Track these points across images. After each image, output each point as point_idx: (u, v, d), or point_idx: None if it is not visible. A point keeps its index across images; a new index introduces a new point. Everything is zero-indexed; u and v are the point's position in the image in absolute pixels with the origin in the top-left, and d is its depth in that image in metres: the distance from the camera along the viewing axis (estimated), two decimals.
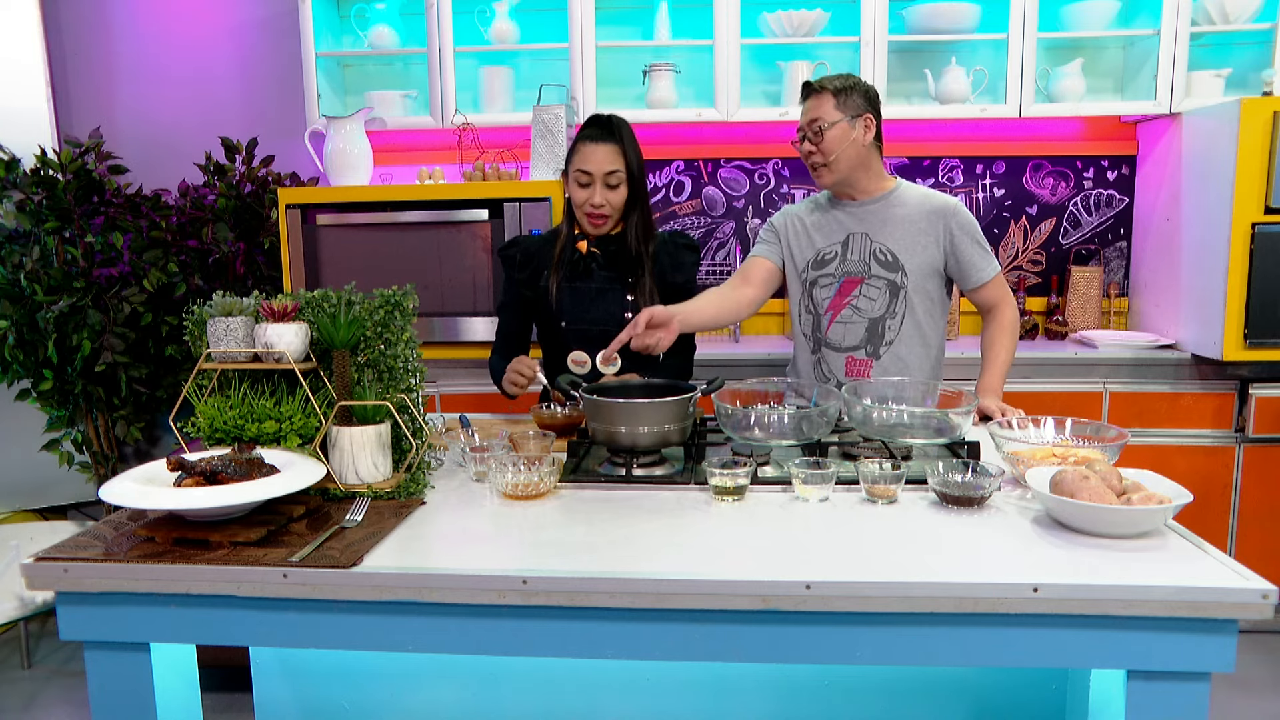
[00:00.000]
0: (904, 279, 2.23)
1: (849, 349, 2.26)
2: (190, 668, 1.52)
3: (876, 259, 2.24)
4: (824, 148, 2.19)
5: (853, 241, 2.26)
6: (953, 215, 2.23)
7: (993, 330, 2.29)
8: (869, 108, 2.21)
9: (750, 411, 1.75)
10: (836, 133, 2.18)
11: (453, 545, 1.42)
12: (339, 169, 3.20)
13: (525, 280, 2.30)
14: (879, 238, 2.24)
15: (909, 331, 2.24)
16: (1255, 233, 2.89)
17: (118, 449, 3.57)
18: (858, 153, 2.20)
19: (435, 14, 3.31)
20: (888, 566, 1.28)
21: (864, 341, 2.25)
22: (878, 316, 2.25)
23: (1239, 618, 1.20)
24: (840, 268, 2.27)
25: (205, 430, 1.64)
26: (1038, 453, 1.63)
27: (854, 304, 2.26)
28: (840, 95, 2.19)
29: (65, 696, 2.89)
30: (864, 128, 2.19)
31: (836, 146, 2.19)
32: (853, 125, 2.18)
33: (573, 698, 1.65)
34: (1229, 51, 3.41)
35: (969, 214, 2.25)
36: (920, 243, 2.22)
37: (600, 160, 2.14)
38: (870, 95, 2.22)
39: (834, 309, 2.27)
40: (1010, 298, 2.29)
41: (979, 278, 2.24)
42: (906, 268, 2.23)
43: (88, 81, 3.76)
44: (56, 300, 3.17)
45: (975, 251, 2.23)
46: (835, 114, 2.18)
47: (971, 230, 2.24)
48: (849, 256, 2.27)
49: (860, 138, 2.19)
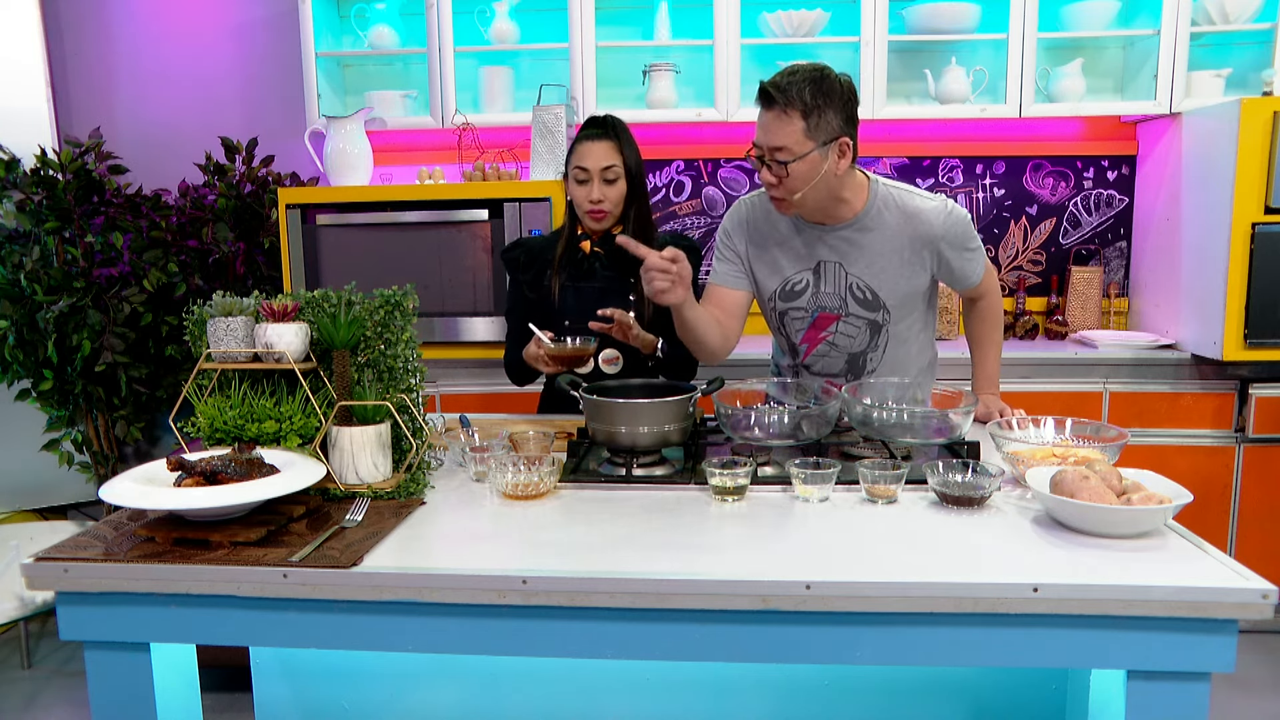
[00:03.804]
0: (885, 316, 1.97)
1: (830, 375, 2.08)
2: (190, 668, 1.52)
3: (854, 295, 1.95)
4: (788, 184, 1.78)
5: (824, 271, 1.95)
6: (940, 237, 1.93)
7: (975, 321, 2.16)
8: (845, 126, 1.78)
9: (750, 411, 1.75)
10: (804, 167, 1.77)
11: (453, 545, 1.42)
12: (339, 169, 3.20)
13: (529, 282, 2.30)
14: (855, 269, 1.94)
15: (893, 356, 2.06)
16: (1255, 233, 2.89)
17: (118, 449, 3.57)
18: (829, 185, 1.82)
19: (435, 14, 3.31)
20: (887, 566, 1.28)
21: (844, 371, 2.08)
22: (858, 351, 2.03)
23: (1239, 618, 1.20)
24: (813, 301, 1.98)
25: (205, 430, 1.64)
26: (1038, 453, 1.63)
27: (830, 339, 2.03)
28: (812, 117, 1.74)
29: (65, 696, 2.89)
30: (838, 154, 1.78)
31: (803, 183, 1.78)
32: (825, 154, 1.77)
33: (573, 698, 1.65)
34: (1229, 51, 3.41)
35: (958, 221, 1.95)
36: (903, 273, 1.95)
37: (597, 156, 2.15)
38: (847, 102, 1.79)
39: (809, 341, 2.03)
40: (993, 280, 2.09)
41: (969, 282, 2.06)
42: (888, 304, 1.96)
43: (88, 81, 3.76)
44: (56, 300, 3.17)
45: (965, 260, 2.00)
46: (805, 143, 1.75)
47: (961, 242, 1.96)
48: (821, 289, 1.97)
49: (834, 168, 1.79)
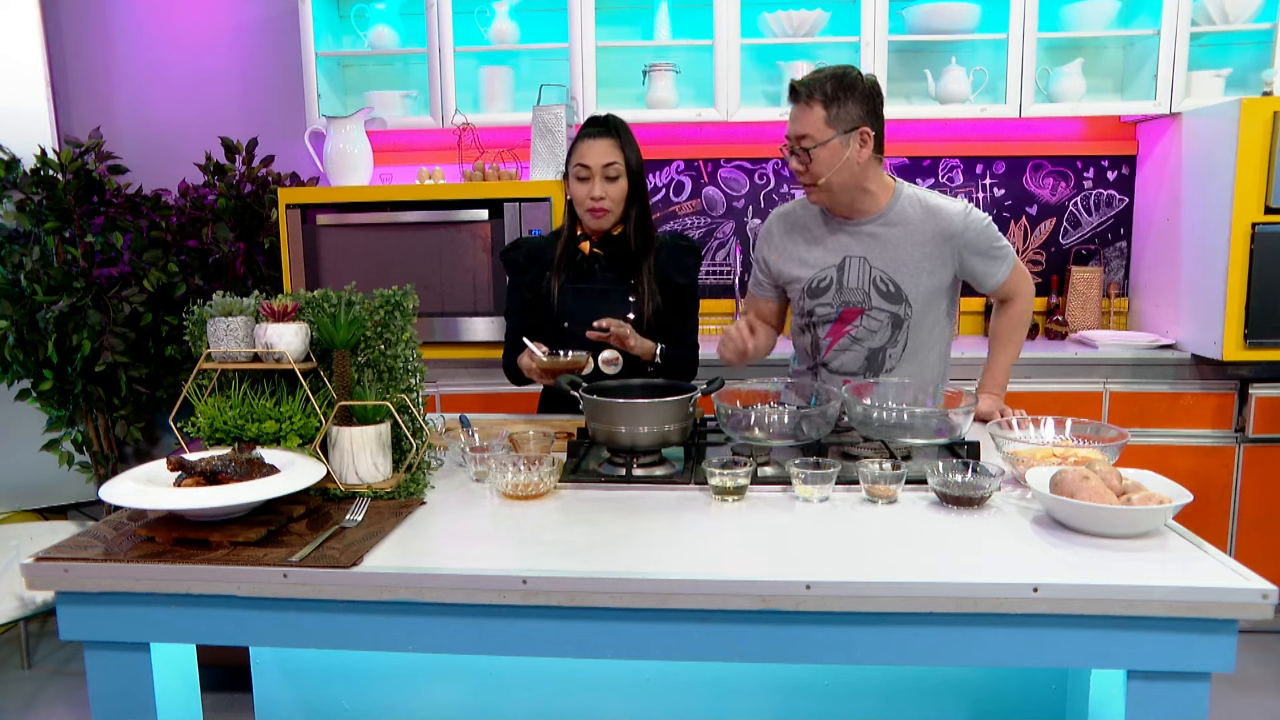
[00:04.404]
0: (907, 310, 2.07)
1: (849, 374, 2.14)
2: (190, 668, 1.52)
3: (877, 288, 2.06)
4: (813, 169, 1.97)
5: (849, 266, 2.07)
6: (960, 235, 2.04)
7: (999, 323, 2.20)
8: (866, 117, 1.95)
9: (750, 411, 1.75)
10: (826, 153, 1.94)
11: (453, 545, 1.42)
12: (339, 169, 3.20)
13: (529, 283, 2.30)
14: (879, 263, 2.05)
15: (911, 356, 2.12)
16: (1255, 233, 2.89)
17: (118, 449, 3.57)
18: (852, 172, 1.98)
19: (435, 14, 3.31)
20: (888, 566, 1.28)
21: (863, 369, 2.13)
22: (878, 347, 2.11)
23: (1239, 618, 1.20)
24: (838, 297, 2.09)
25: (205, 430, 1.64)
26: (1038, 453, 1.63)
27: (853, 334, 2.11)
28: (833, 106, 1.92)
29: (65, 696, 2.89)
30: (859, 143, 1.95)
31: (827, 168, 1.96)
32: (846, 143, 1.94)
33: (573, 698, 1.65)
34: (1229, 51, 3.41)
35: (978, 221, 2.06)
36: (925, 268, 2.05)
37: (598, 153, 2.15)
38: (869, 96, 1.96)
39: (833, 335, 2.12)
40: (1026, 286, 2.16)
41: (993, 283, 2.12)
42: (910, 297, 2.06)
43: (88, 81, 3.76)
44: (56, 300, 3.17)
45: (988, 262, 2.09)
46: (826, 130, 1.93)
47: (982, 242, 2.06)
48: (846, 284, 2.08)
49: (855, 155, 1.96)
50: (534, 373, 2.12)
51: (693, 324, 2.34)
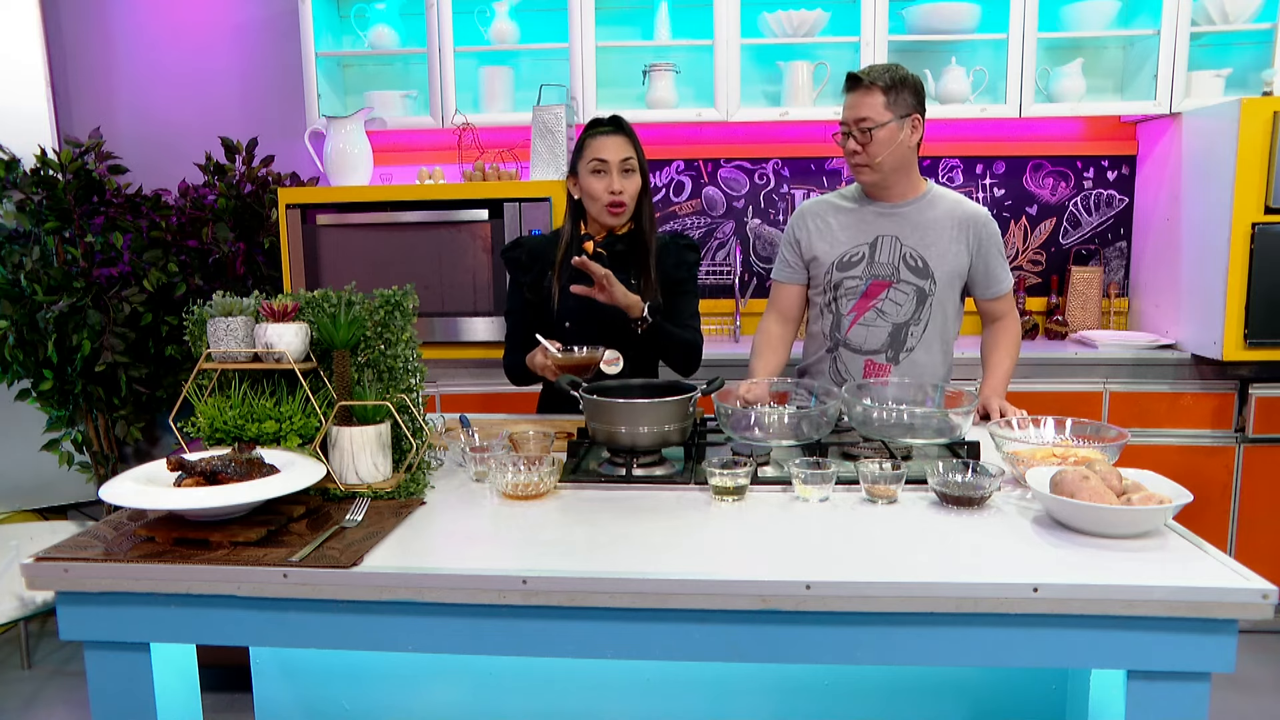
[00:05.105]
0: (932, 286, 2.19)
1: (869, 352, 2.23)
2: (190, 668, 1.52)
3: (906, 263, 2.19)
4: (870, 150, 2.12)
5: (881, 244, 2.21)
6: (984, 224, 2.21)
7: (998, 338, 2.29)
8: (918, 106, 2.13)
9: (750, 411, 1.75)
10: (885, 134, 2.10)
11: (453, 545, 1.42)
12: (339, 169, 3.20)
13: (530, 283, 2.30)
14: (909, 241, 2.20)
15: (930, 338, 2.22)
16: (1255, 233, 2.89)
17: (118, 449, 3.57)
18: (902, 155, 2.15)
19: (435, 14, 3.31)
20: (888, 566, 1.28)
21: (885, 346, 2.22)
22: (902, 322, 2.21)
23: (1239, 618, 1.20)
24: (868, 270, 2.21)
25: (205, 430, 1.64)
26: (1038, 453, 1.63)
27: (879, 307, 2.21)
28: (890, 93, 2.10)
29: (65, 696, 2.89)
30: (911, 128, 2.13)
31: (884, 149, 2.11)
32: (901, 126, 2.11)
33: (573, 698, 1.65)
34: (1229, 51, 3.41)
35: (996, 226, 2.24)
36: (951, 250, 2.19)
37: (614, 149, 2.16)
38: (918, 90, 2.14)
39: (858, 310, 2.22)
40: (1016, 311, 2.32)
41: (998, 290, 2.25)
42: (936, 274, 2.19)
43: (88, 81, 3.76)
44: (56, 300, 3.17)
45: (999, 263, 2.23)
46: (885, 114, 2.10)
47: (998, 242, 2.23)
48: (877, 259, 2.21)
49: (908, 139, 2.13)
50: (548, 370, 2.11)
51: (694, 307, 2.35)
